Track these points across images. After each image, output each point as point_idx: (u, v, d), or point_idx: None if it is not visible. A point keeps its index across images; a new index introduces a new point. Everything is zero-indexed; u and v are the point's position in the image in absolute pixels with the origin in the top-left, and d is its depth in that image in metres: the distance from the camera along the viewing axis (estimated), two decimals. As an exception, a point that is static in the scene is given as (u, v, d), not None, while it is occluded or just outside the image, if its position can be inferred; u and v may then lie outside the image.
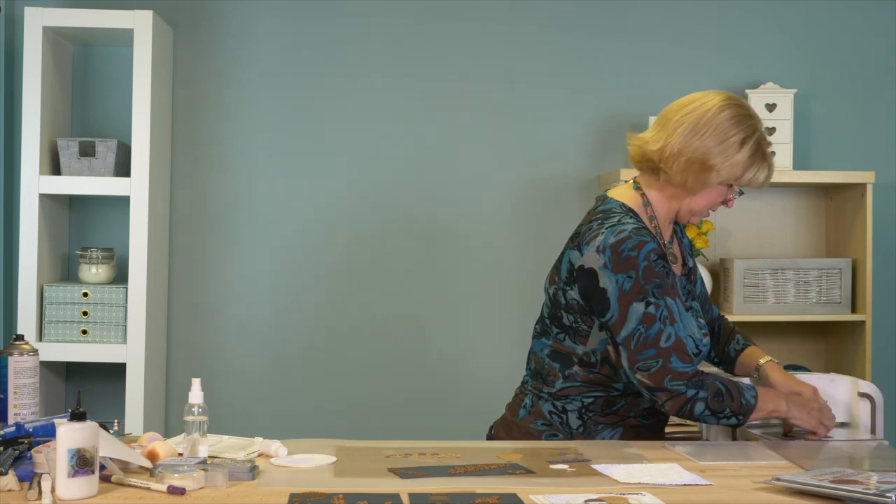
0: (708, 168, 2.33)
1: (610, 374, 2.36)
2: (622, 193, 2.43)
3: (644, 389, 2.27)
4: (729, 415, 2.28)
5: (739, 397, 2.28)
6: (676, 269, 2.44)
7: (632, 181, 2.45)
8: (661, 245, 2.37)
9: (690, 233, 3.73)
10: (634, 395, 2.37)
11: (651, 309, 2.26)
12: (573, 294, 2.34)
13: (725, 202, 2.43)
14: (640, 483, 1.91)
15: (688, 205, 2.40)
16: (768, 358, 2.50)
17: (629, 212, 2.37)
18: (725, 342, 2.60)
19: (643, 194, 2.41)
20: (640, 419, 2.40)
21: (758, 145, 2.35)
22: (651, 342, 2.25)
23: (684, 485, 1.91)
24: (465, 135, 3.91)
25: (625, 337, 2.27)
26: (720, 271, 3.87)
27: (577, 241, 2.35)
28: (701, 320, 2.43)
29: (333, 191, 3.89)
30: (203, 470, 1.85)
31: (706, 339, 2.41)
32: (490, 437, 2.51)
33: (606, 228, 2.30)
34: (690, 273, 2.50)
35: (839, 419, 2.49)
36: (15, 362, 2.20)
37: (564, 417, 2.39)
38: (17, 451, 1.92)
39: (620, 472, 1.99)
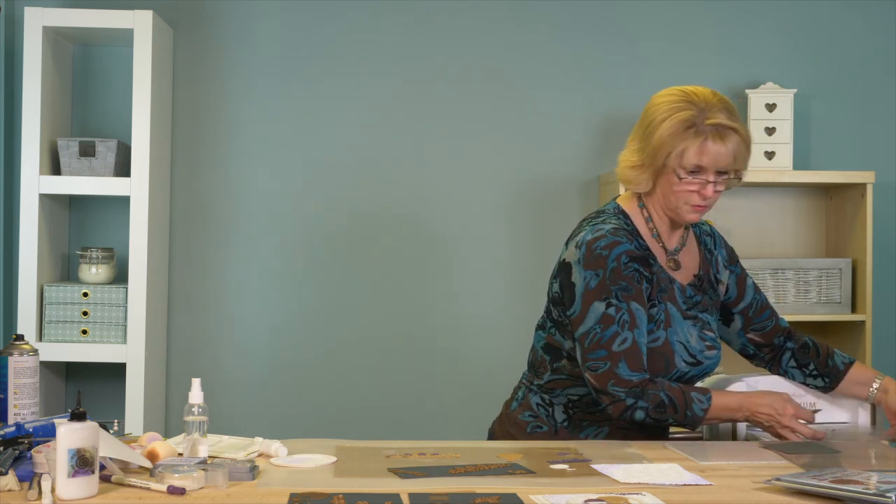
0: (641, 157, 2.36)
1: (576, 368, 2.37)
2: (624, 197, 2.47)
3: (591, 388, 2.31)
4: (673, 423, 2.32)
5: (685, 410, 2.28)
6: (680, 276, 2.42)
7: None
8: (651, 248, 2.38)
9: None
10: None
11: (611, 311, 2.28)
12: (556, 287, 2.39)
13: (701, 193, 2.33)
14: (640, 483, 1.91)
15: (660, 203, 2.39)
16: (882, 375, 2.50)
17: (620, 213, 2.40)
18: (827, 355, 2.54)
19: (640, 197, 2.43)
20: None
21: (682, 123, 2.29)
22: (604, 343, 2.27)
23: (684, 485, 1.91)
24: (466, 134, 3.91)
25: (581, 334, 2.31)
26: (720, 271, 3.86)
27: (569, 237, 2.42)
28: (709, 332, 2.41)
29: (333, 190, 3.89)
30: (203, 470, 1.85)
31: (711, 352, 2.39)
32: (490, 434, 2.52)
33: (588, 226, 2.37)
34: (706, 283, 2.46)
35: (839, 419, 2.49)
36: (15, 362, 2.20)
37: (550, 410, 2.41)
38: (17, 451, 1.92)
39: (620, 472, 1.99)
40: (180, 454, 2.04)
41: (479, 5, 3.93)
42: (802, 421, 2.34)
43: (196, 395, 2.05)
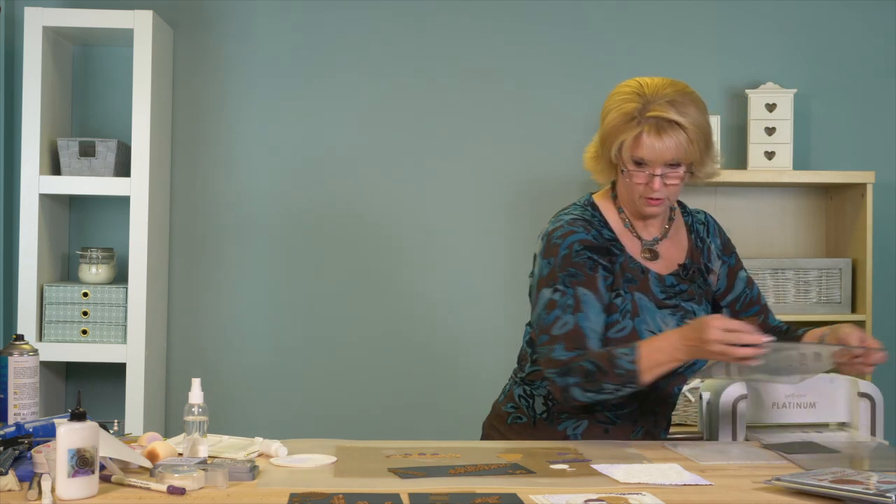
0: (597, 148, 2.38)
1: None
2: (602, 190, 2.48)
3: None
4: (614, 390, 2.23)
5: (613, 368, 2.20)
6: (658, 265, 2.39)
7: None
8: (621, 239, 2.36)
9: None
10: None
11: (556, 296, 2.29)
12: (531, 281, 2.43)
13: (649, 186, 2.29)
14: (640, 483, 1.91)
15: (619, 194, 2.40)
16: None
17: (589, 206, 2.42)
18: (792, 332, 2.50)
19: (615, 187, 2.44)
20: (606, 413, 2.37)
21: (625, 116, 2.28)
22: (547, 328, 2.28)
23: (684, 485, 1.91)
24: (466, 134, 3.91)
25: (532, 321, 2.37)
26: (720, 271, 3.86)
27: None
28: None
29: (333, 190, 3.89)
30: (203, 470, 1.85)
31: None
32: (483, 429, 2.53)
33: (553, 218, 2.42)
34: (694, 272, 2.42)
35: (839, 419, 2.49)
36: (15, 362, 2.20)
37: (531, 402, 2.42)
38: (17, 451, 1.92)
39: (620, 472, 1.99)
40: (180, 454, 2.04)
41: (478, 5, 3.93)
42: (739, 338, 2.13)
43: (196, 395, 2.05)
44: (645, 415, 2.40)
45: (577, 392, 2.24)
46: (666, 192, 2.31)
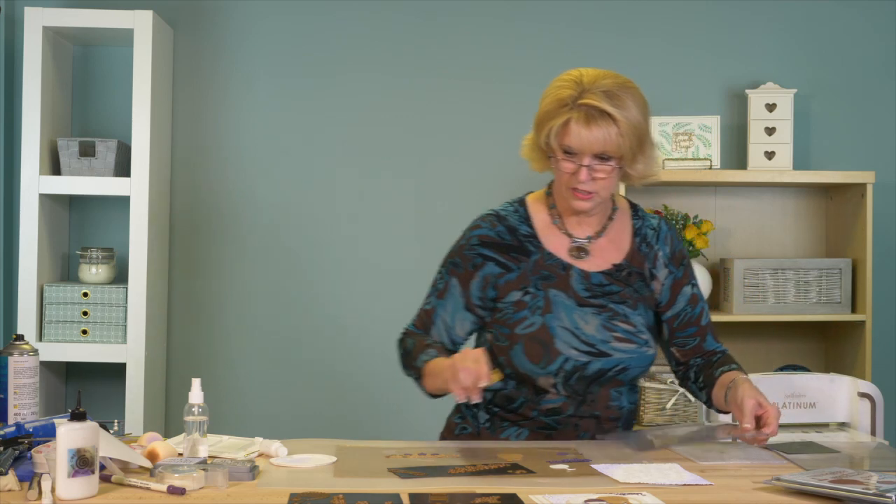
0: (532, 135, 2.37)
1: (496, 361, 2.32)
2: (540, 190, 2.47)
3: None
4: (414, 378, 2.32)
5: (413, 361, 2.30)
6: (586, 263, 2.34)
7: None
8: (541, 236, 2.34)
9: (690, 233, 3.73)
10: (534, 391, 2.31)
11: (437, 277, 2.40)
12: None
13: (575, 176, 2.26)
14: (640, 483, 1.91)
15: (554, 187, 2.39)
16: (745, 377, 2.28)
17: (517, 202, 2.43)
18: (716, 367, 2.35)
19: (552, 184, 2.43)
20: (544, 418, 2.33)
21: (557, 102, 2.27)
22: (423, 302, 2.41)
23: (684, 485, 1.91)
24: (466, 133, 3.91)
25: None
26: (720, 271, 3.87)
27: None
28: (623, 324, 2.30)
29: (333, 190, 3.89)
30: (203, 470, 1.85)
31: (623, 345, 2.28)
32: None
33: None
34: (632, 275, 2.35)
35: (839, 419, 2.49)
36: (15, 362, 2.20)
37: (475, 411, 2.40)
38: (17, 451, 1.92)
39: (620, 472, 1.99)
40: (180, 454, 2.04)
41: (478, 5, 3.93)
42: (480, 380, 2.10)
43: (196, 395, 2.05)
44: (586, 419, 2.33)
45: (401, 364, 2.37)
46: (595, 186, 2.27)
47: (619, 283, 2.35)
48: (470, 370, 2.08)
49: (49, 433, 2.00)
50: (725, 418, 2.42)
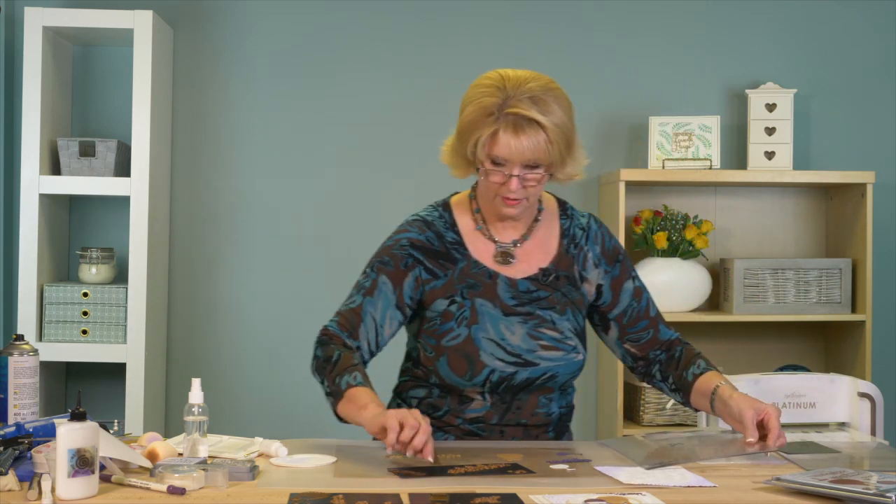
0: (454, 141, 2.29)
1: (424, 371, 2.30)
2: (462, 192, 2.43)
3: None
4: (326, 389, 2.21)
5: (331, 376, 2.18)
6: (511, 270, 2.28)
7: None
8: (467, 242, 2.30)
9: (690, 233, 3.73)
10: (459, 401, 2.28)
11: (361, 278, 2.31)
12: None
13: (507, 186, 2.19)
14: (643, 484, 1.91)
15: (478, 192, 2.34)
16: (724, 381, 2.23)
17: (441, 206, 2.39)
18: (684, 367, 2.31)
19: (475, 186, 2.38)
20: (469, 426, 2.28)
21: (483, 111, 2.18)
22: (341, 305, 2.32)
23: (687, 486, 1.90)
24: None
25: None
26: (720, 271, 3.87)
27: None
28: (549, 331, 2.25)
29: (333, 189, 3.89)
30: (203, 470, 1.85)
31: (549, 353, 2.25)
32: None
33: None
34: (560, 278, 2.29)
35: (839, 419, 2.48)
36: (15, 362, 2.20)
37: None
38: (17, 451, 1.92)
39: (623, 473, 1.98)
40: (180, 454, 2.04)
41: (478, 5, 3.93)
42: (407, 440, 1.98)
43: (196, 395, 2.05)
44: (512, 427, 2.29)
45: (313, 365, 2.27)
46: (525, 193, 2.21)
47: (546, 287, 2.29)
48: (413, 427, 1.95)
49: (49, 433, 2.00)
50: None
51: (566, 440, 2.36)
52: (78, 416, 1.79)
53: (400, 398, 2.37)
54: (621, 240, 3.63)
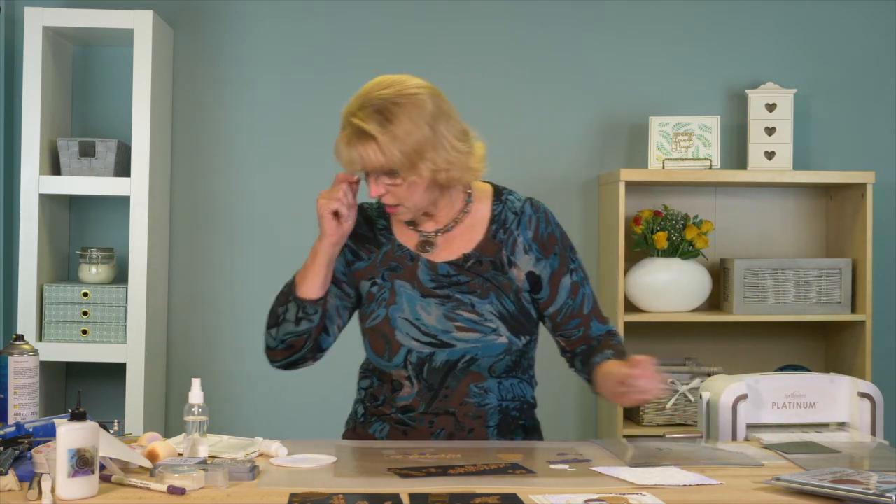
0: None
1: (366, 360, 2.38)
2: None
3: None
4: (283, 312, 2.31)
5: (281, 291, 2.34)
6: (433, 255, 2.31)
7: None
8: (394, 228, 2.35)
9: (690, 233, 3.73)
10: (392, 388, 2.31)
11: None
12: None
13: (372, 191, 2.27)
14: (643, 484, 1.91)
15: None
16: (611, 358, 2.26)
17: None
18: (594, 355, 2.31)
19: None
20: (400, 415, 2.30)
21: (341, 119, 2.24)
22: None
23: (688, 485, 1.90)
24: (465, 135, 3.91)
25: None
26: (720, 271, 3.87)
27: None
28: (467, 313, 2.25)
29: (333, 191, 3.89)
30: (203, 470, 1.85)
31: (466, 335, 2.24)
32: None
33: None
34: (484, 263, 2.29)
35: (839, 419, 2.48)
36: (15, 362, 2.20)
37: (356, 407, 2.42)
38: (17, 451, 1.92)
39: (624, 473, 1.98)
40: (180, 454, 2.04)
41: (479, 5, 3.93)
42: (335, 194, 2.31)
43: (196, 395, 2.05)
44: (441, 416, 2.29)
45: (267, 337, 2.32)
46: (395, 199, 2.24)
47: (467, 273, 2.29)
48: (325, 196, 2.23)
49: (49, 433, 2.00)
50: (726, 421, 2.42)
51: (521, 440, 2.33)
52: (78, 416, 1.79)
53: (356, 387, 2.44)
54: (620, 240, 3.63)
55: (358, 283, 2.34)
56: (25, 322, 3.50)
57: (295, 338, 2.30)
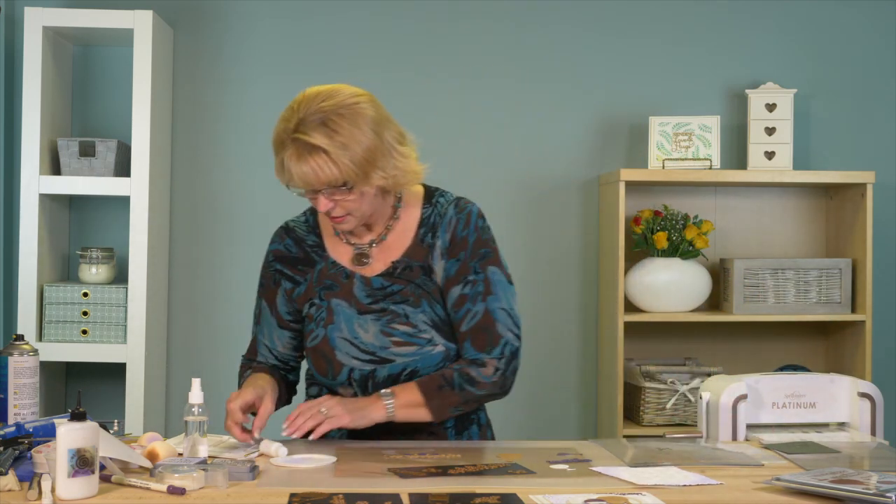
0: None
1: (310, 371, 2.37)
2: None
3: None
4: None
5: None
6: (369, 269, 2.29)
7: None
8: (328, 245, 2.32)
9: (690, 233, 3.73)
10: (331, 395, 2.29)
11: (256, 301, 2.42)
12: None
13: (317, 204, 2.20)
14: (644, 484, 1.91)
15: None
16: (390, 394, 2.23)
17: (311, 210, 2.39)
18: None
19: None
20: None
21: (277, 136, 2.20)
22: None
23: (688, 485, 1.90)
24: (466, 134, 3.91)
25: None
26: (720, 271, 3.87)
27: None
28: (401, 326, 2.23)
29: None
30: (203, 470, 1.85)
31: (402, 349, 2.23)
32: None
33: None
34: (413, 270, 2.26)
35: (839, 419, 2.48)
36: (15, 362, 2.20)
37: None
38: (17, 451, 1.92)
39: (624, 473, 1.98)
40: (180, 454, 2.04)
41: (479, 5, 3.93)
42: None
43: (196, 395, 2.05)
44: (396, 424, 2.25)
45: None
46: (345, 210, 2.20)
47: (399, 281, 2.27)
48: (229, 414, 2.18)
49: (49, 433, 2.00)
50: (726, 421, 2.42)
51: (477, 437, 2.34)
52: (78, 416, 1.79)
53: (307, 397, 2.43)
54: (620, 240, 3.63)
55: (301, 308, 2.34)
56: (25, 322, 3.50)
57: None
